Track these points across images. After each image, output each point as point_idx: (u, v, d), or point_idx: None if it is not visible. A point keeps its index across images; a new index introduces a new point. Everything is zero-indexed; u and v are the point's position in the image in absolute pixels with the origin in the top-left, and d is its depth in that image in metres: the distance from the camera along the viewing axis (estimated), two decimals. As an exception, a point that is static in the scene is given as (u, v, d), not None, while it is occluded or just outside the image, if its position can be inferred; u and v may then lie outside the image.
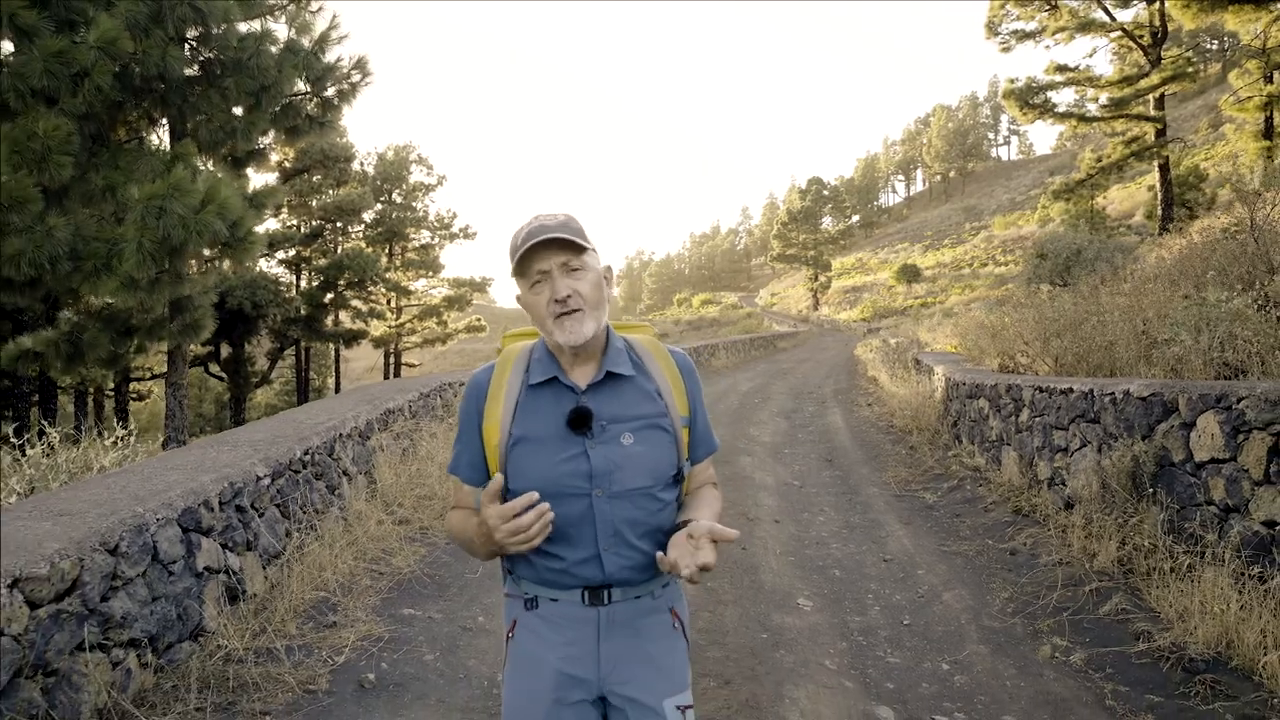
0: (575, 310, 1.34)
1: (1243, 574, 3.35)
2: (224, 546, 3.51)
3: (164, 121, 11.44)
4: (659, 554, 1.30)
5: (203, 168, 11.03)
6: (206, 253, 10.71)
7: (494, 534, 1.28)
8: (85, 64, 9.05)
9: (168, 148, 11.06)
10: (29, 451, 4.65)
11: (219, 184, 9.59)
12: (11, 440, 7.94)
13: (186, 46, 10.70)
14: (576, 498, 1.35)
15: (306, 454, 4.52)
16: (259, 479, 3.91)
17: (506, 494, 1.37)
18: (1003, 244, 53.68)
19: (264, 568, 3.82)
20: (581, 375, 1.42)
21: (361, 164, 32.26)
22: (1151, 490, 4.21)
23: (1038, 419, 5.82)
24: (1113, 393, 4.72)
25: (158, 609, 2.98)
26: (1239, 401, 3.61)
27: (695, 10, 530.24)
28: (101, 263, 9.42)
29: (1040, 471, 5.68)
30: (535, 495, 1.28)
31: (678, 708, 1.40)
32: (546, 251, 1.33)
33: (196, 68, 11.12)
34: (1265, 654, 2.88)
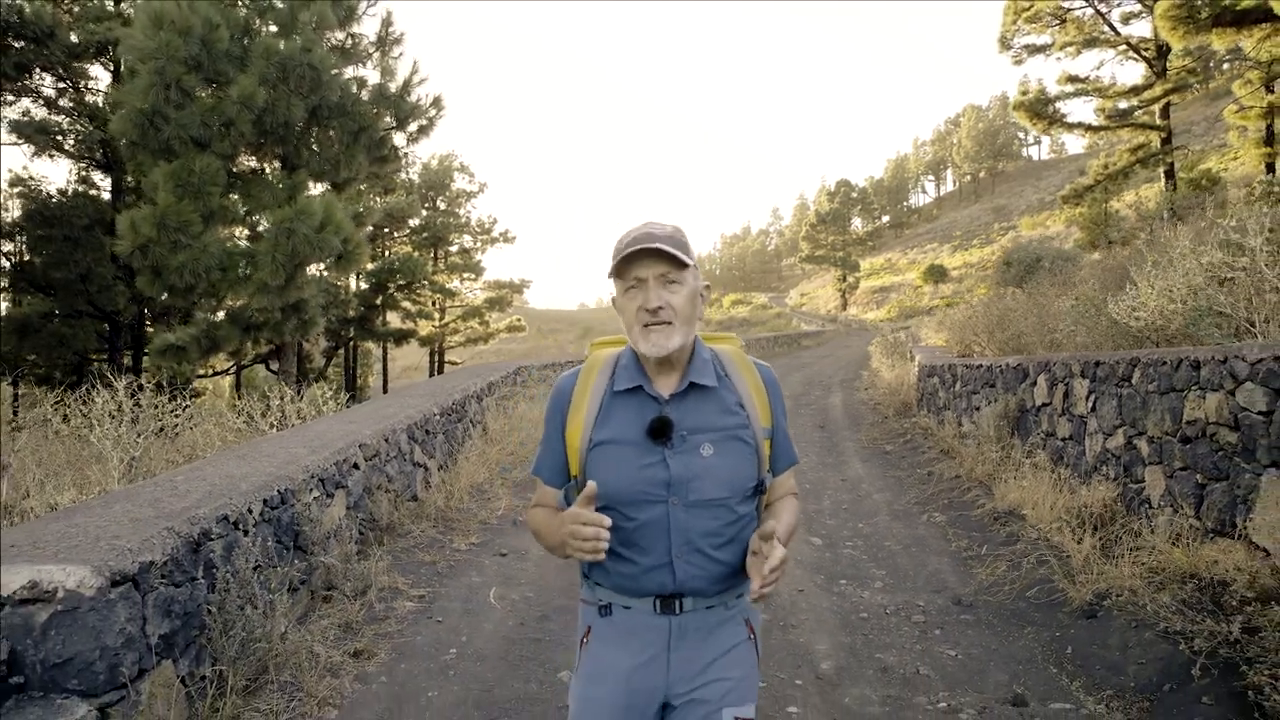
0: (665, 323, 1.35)
1: (1045, 470, 5.46)
2: (423, 451, 5.79)
3: (280, 156, 13.85)
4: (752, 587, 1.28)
5: (313, 194, 13.46)
6: (322, 267, 13.15)
7: (563, 524, 1.32)
8: (230, 115, 11.55)
9: (282, 178, 13.49)
10: (273, 404, 6.98)
11: (334, 209, 12.05)
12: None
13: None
14: (653, 504, 1.36)
15: (452, 404, 6.81)
16: (434, 415, 6.21)
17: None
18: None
19: (439, 469, 6.10)
20: (665, 385, 1.42)
21: (407, 172, 34.57)
22: (1013, 429, 6.33)
23: (964, 388, 7.92)
24: (1001, 365, 6.83)
25: (400, 478, 5.26)
26: (1054, 365, 5.72)
27: (728, 10, 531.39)
28: (240, 272, 11.97)
29: (965, 426, 7.78)
30: (608, 521, 1.29)
31: (736, 719, 1.39)
32: (648, 260, 1.34)
33: (308, 112, 13.51)
34: (1034, 506, 5.00)
